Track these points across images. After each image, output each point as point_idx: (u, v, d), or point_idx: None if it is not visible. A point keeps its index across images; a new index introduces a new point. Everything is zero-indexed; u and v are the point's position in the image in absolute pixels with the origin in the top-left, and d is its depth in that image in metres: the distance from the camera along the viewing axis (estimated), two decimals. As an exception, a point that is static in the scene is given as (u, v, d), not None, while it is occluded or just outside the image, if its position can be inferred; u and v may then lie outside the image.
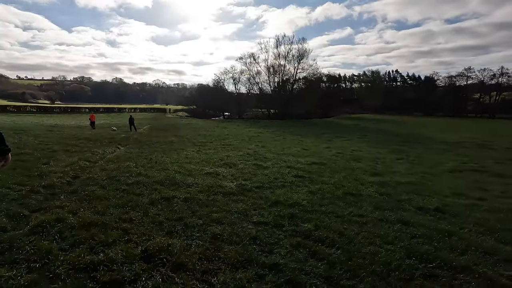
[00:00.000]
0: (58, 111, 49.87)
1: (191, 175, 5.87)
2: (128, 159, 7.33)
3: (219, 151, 11.00)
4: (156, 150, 10.02)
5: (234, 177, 6.14)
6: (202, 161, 8.01)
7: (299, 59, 50.32)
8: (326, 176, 7.29)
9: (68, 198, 3.64)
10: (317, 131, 27.67)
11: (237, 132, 22.68)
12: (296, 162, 9.14)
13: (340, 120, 45.43)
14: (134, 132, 17.17)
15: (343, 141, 19.35)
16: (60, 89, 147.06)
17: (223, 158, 9.00)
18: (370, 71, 73.25)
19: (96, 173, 5.23)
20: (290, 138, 19.55)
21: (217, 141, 14.79)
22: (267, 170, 7.37)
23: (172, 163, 7.33)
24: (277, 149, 12.97)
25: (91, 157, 7.03)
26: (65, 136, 12.31)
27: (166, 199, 3.99)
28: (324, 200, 4.76)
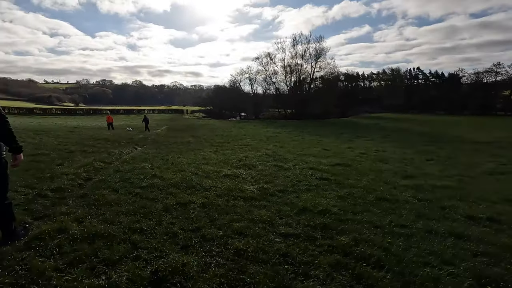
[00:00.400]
0: (81, 113, 51.58)
1: (208, 177, 5.49)
2: (144, 160, 7.07)
3: (237, 151, 10.61)
4: (173, 150, 9.77)
5: (255, 179, 5.70)
6: (220, 162, 7.63)
7: (316, 58, 49.36)
8: (353, 178, 6.71)
9: (76, 203, 3.33)
10: (336, 130, 26.80)
11: (254, 132, 22.28)
12: (318, 163, 8.58)
13: (359, 120, 44.05)
14: (150, 133, 17.15)
15: (364, 141, 18.48)
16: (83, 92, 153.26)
17: (241, 159, 8.59)
18: (390, 69, 70.82)
19: (110, 175, 4.94)
20: (309, 138, 18.91)
21: (235, 142, 14.44)
22: (288, 172, 6.88)
23: (189, 164, 7.00)
24: (296, 149, 12.44)
25: (107, 158, 6.82)
26: (84, 137, 12.35)
27: (182, 204, 3.60)
28: (357, 207, 4.22)
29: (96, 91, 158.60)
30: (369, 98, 64.63)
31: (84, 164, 5.72)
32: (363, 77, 72.26)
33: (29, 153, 6.20)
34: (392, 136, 22.23)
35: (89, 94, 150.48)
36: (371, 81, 72.92)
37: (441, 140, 19.88)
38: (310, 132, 24.21)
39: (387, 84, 69.04)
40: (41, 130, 14.79)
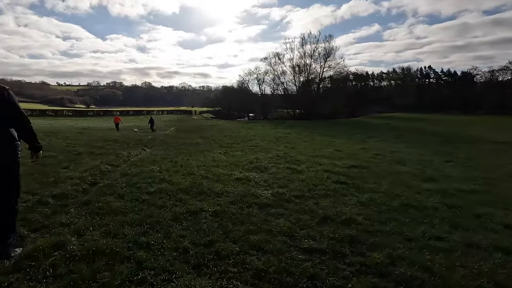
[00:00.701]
0: (92, 114, 52.27)
1: (219, 181, 5.18)
2: (153, 162, 6.83)
3: (247, 153, 10.30)
4: (182, 152, 9.53)
5: (268, 183, 5.36)
6: (231, 164, 7.33)
7: (325, 57, 48.74)
8: (372, 182, 6.30)
9: (78, 212, 3.06)
10: (347, 131, 26.23)
11: (263, 133, 21.95)
12: (333, 165, 8.19)
13: (369, 120, 43.22)
14: (159, 134, 17.01)
15: (377, 142, 17.91)
16: (94, 94, 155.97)
17: (252, 161, 8.27)
18: (400, 68, 69.39)
19: (116, 179, 4.69)
20: (319, 138, 18.45)
21: (244, 143, 14.14)
22: (302, 175, 6.52)
23: (199, 166, 6.71)
24: (308, 150, 12.05)
25: (115, 160, 6.60)
26: (93, 138, 12.26)
27: (193, 213, 3.29)
28: (382, 215, 3.84)
29: (107, 93, 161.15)
30: (379, 98, 63.38)
31: (90, 167, 5.50)
32: (373, 77, 71.02)
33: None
34: (405, 137, 21.57)
35: (100, 96, 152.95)
36: (381, 81, 71.63)
37: (457, 140, 19.14)
38: (320, 133, 23.73)
39: (397, 83, 67.71)
40: (51, 132, 14.81)
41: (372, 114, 53.07)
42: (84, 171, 5.03)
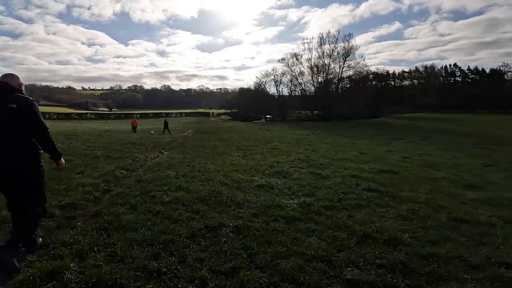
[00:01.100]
0: (113, 117, 53.81)
1: (240, 189, 4.77)
2: (169, 166, 6.53)
3: (267, 156, 9.86)
4: (199, 155, 9.23)
5: (292, 191, 4.89)
6: (250, 169, 6.91)
7: (344, 57, 47.48)
8: (407, 189, 5.67)
9: (85, 227, 2.73)
10: (369, 132, 25.20)
11: (281, 134, 21.44)
12: (360, 170, 7.59)
13: (391, 120, 41.51)
14: (177, 136, 16.93)
15: (403, 144, 16.96)
16: (116, 97, 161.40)
17: (272, 164, 7.82)
18: (423, 67, 66.40)
19: (130, 186, 4.38)
20: (341, 140, 17.72)
21: (262, 145, 13.71)
22: (328, 181, 5.99)
23: (217, 171, 6.34)
24: (330, 153, 11.44)
25: (131, 165, 6.35)
26: (113, 141, 12.26)
27: (211, 228, 2.88)
28: (432, 233, 3.26)
29: (128, 96, 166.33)
30: (401, 98, 60.88)
31: (105, 172, 5.26)
32: (394, 76, 68.38)
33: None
34: (433, 138, 20.34)
35: (122, 99, 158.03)
36: (402, 80, 68.88)
37: (491, 141, 17.78)
38: (340, 134, 22.89)
39: (420, 82, 64.89)
40: (73, 134, 15.07)
41: (393, 114, 51.03)
42: (98, 177, 4.78)
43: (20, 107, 2.23)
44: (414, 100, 58.51)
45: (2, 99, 2.23)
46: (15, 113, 2.21)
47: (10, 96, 2.25)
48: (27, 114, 2.26)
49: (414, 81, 68.17)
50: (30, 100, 2.31)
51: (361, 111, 47.55)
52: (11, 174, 2.26)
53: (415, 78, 68.09)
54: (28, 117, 2.27)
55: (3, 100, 2.22)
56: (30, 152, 2.33)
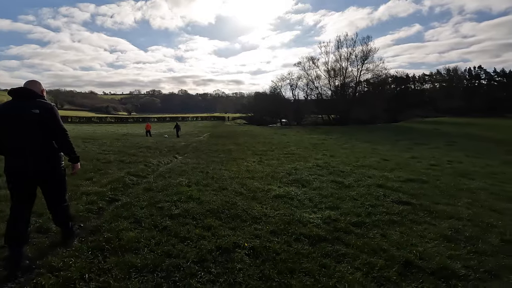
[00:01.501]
0: (132, 121, 55.02)
1: (256, 199, 4.36)
2: (182, 172, 6.22)
3: (283, 162, 9.40)
4: (214, 160, 8.91)
5: (314, 203, 4.42)
6: (267, 176, 6.48)
7: (363, 60, 46.25)
8: (443, 202, 5.04)
9: (79, 247, 2.37)
10: (389, 137, 24.13)
11: (297, 139, 20.89)
12: (385, 178, 6.99)
13: (412, 125, 39.84)
14: (192, 140, 16.78)
15: (428, 149, 15.96)
16: (135, 102, 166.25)
17: (290, 171, 7.36)
18: (445, 69, 63.87)
19: (138, 196, 4.06)
20: (360, 145, 16.94)
21: (279, 150, 13.26)
22: (352, 191, 5.46)
23: (232, 178, 5.96)
24: (350, 159, 10.82)
25: (142, 170, 6.09)
26: (128, 145, 12.20)
27: (224, 250, 2.47)
28: (487, 260, 2.69)
29: (146, 101, 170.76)
30: (421, 101, 58.64)
31: (114, 178, 4.99)
32: (414, 79, 66.04)
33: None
34: (460, 143, 19.14)
35: (140, 104, 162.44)
36: (423, 83, 66.44)
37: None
38: (359, 139, 22.03)
39: (442, 85, 62.35)
40: (91, 138, 15.22)
41: (413, 118, 49.14)
42: (106, 184, 4.52)
43: (43, 112, 2.37)
44: (436, 103, 56.25)
45: (26, 105, 2.36)
46: (38, 118, 2.35)
47: (33, 102, 2.39)
48: (48, 118, 2.39)
49: (435, 84, 65.76)
50: (51, 105, 2.46)
51: (379, 115, 46.08)
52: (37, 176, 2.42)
53: (436, 81, 65.68)
54: (49, 121, 2.41)
55: (27, 106, 2.35)
56: (52, 155, 2.47)
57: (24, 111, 2.33)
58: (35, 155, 2.37)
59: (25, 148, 2.34)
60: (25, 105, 2.35)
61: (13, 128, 2.33)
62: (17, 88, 2.43)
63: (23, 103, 2.36)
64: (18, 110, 2.33)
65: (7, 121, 2.33)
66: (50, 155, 2.46)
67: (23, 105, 2.35)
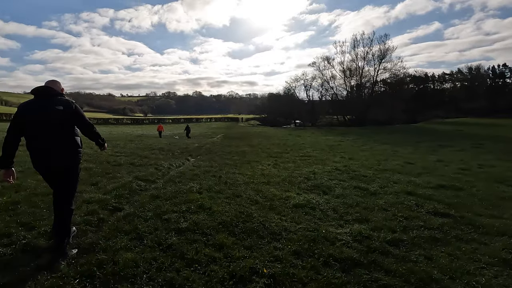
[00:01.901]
0: (147, 122, 55.78)
1: (273, 209, 3.90)
2: (193, 176, 5.85)
3: (300, 165, 8.90)
4: (227, 163, 8.52)
5: (339, 213, 3.91)
6: (284, 181, 6.01)
7: (380, 59, 44.86)
8: (486, 214, 4.39)
9: (66, 273, 1.95)
10: (409, 139, 23.03)
11: (312, 140, 20.26)
12: (414, 184, 6.37)
13: (433, 126, 38.17)
14: (206, 141, 16.50)
15: (454, 152, 14.94)
16: (151, 104, 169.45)
17: (308, 176, 6.86)
18: (467, 68, 61.08)
19: (143, 205, 3.66)
20: (380, 148, 16.12)
21: (294, 152, 12.74)
22: (380, 199, 4.90)
23: (246, 184, 5.53)
24: (371, 162, 10.17)
25: (152, 174, 5.76)
26: (142, 146, 12.05)
27: (239, 280, 1.99)
28: None
29: (162, 102, 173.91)
30: (441, 101, 56.24)
31: (122, 184, 4.67)
32: (433, 78, 63.42)
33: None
34: (487, 145, 17.88)
35: (156, 105, 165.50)
36: (442, 82, 63.74)
37: None
38: (378, 141, 21.10)
39: (464, 85, 59.65)
40: (108, 140, 15.15)
41: (433, 119, 47.16)
42: (111, 190, 4.19)
43: (66, 109, 2.47)
44: (457, 104, 53.85)
45: (49, 103, 2.43)
46: (62, 115, 2.43)
47: (55, 99, 2.47)
48: (73, 114, 2.51)
49: (456, 83, 63.03)
50: (73, 102, 2.57)
51: (398, 116, 44.52)
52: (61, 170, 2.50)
53: (457, 80, 62.98)
54: (76, 117, 2.54)
55: (50, 103, 2.43)
56: (75, 150, 2.57)
57: (47, 108, 2.40)
58: (58, 151, 2.45)
59: (48, 144, 2.41)
60: (48, 103, 2.42)
61: (37, 125, 2.39)
62: (39, 87, 2.48)
63: (46, 101, 2.44)
64: (42, 108, 2.40)
65: (31, 119, 2.39)
66: (72, 151, 2.54)
67: (46, 103, 2.42)
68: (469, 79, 60.09)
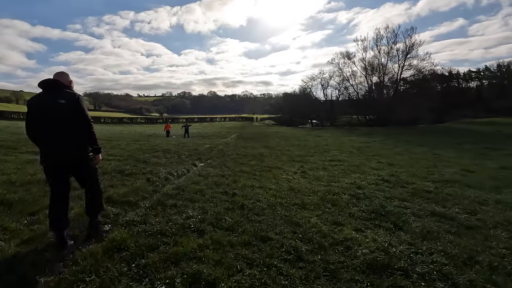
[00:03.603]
0: (161, 121, 55.16)
1: (332, 274, 2.13)
2: (196, 196, 4.16)
3: (334, 173, 7.08)
4: (243, 170, 6.81)
5: (447, 284, 2.12)
6: (324, 202, 4.21)
7: (405, 54, 41.78)
8: None
9: None
10: (445, 140, 20.54)
11: (335, 141, 18.22)
12: (503, 204, 4.47)
13: (463, 126, 34.92)
14: (218, 142, 14.84)
15: (508, 156, 12.57)
16: (167, 103, 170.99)
17: (354, 191, 5.04)
18: (496, 65, 56.68)
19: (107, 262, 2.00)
20: (416, 150, 13.93)
21: (319, 155, 10.89)
22: (491, 241, 3.04)
23: (272, 207, 3.78)
24: (419, 169, 8.23)
25: (137, 192, 4.07)
26: (145, 147, 10.55)
27: None
28: None
29: (177, 102, 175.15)
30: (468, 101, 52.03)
31: (75, 214, 3.04)
32: (458, 76, 59.02)
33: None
34: (545, 148, 15.32)
35: (171, 105, 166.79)
36: (468, 81, 59.29)
37: None
38: (410, 142, 18.77)
39: (492, 83, 55.34)
40: (109, 139, 13.92)
41: (461, 119, 43.58)
42: (72, 219, 2.58)
43: (68, 102, 2.41)
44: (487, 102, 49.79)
45: (53, 96, 2.41)
46: (64, 108, 2.39)
47: (60, 92, 2.44)
48: (74, 107, 2.42)
49: (483, 81, 58.71)
50: (77, 95, 2.49)
51: (424, 116, 41.30)
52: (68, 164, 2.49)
53: (485, 78, 58.61)
54: (75, 110, 2.44)
55: (53, 96, 2.41)
56: (80, 144, 2.51)
57: (51, 102, 2.37)
58: (64, 145, 2.41)
59: (55, 138, 2.38)
60: (52, 96, 2.40)
61: (43, 119, 2.36)
62: (45, 80, 2.46)
63: (51, 94, 2.41)
64: (46, 102, 2.38)
65: (37, 113, 2.38)
66: (78, 145, 2.49)
67: (51, 96, 2.40)
68: (498, 76, 55.81)
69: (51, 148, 2.39)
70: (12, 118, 37.04)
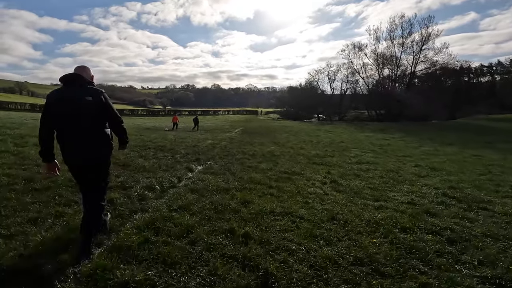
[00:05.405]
0: (163, 114, 53.59)
1: None
2: (180, 238, 2.48)
3: (372, 181, 5.38)
4: (253, 179, 5.08)
5: None
6: (396, 248, 2.52)
7: (421, 46, 39.33)
8: None
9: None
10: (471, 138, 18.60)
11: (350, 138, 16.38)
12: None
13: (481, 122, 32.74)
14: (222, 137, 13.09)
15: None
16: (170, 96, 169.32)
17: (415, 214, 3.35)
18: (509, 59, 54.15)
19: None
20: (449, 150, 12.08)
21: (339, 154, 9.15)
22: None
23: (319, 276, 2.10)
24: (472, 177, 6.51)
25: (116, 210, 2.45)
26: (135, 143, 8.86)
27: None
28: None
29: (181, 95, 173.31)
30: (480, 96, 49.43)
31: None
32: (469, 71, 56.20)
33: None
34: None
35: (175, 98, 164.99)
36: (479, 76, 56.57)
37: None
38: (435, 140, 16.84)
39: (505, 78, 52.86)
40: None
41: (475, 115, 41.29)
42: None
43: (96, 99, 2.28)
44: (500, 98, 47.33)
45: (79, 93, 2.25)
46: (92, 106, 2.25)
47: (85, 89, 2.29)
48: (102, 105, 2.31)
49: (495, 76, 56.19)
50: (102, 91, 2.38)
51: (439, 111, 39.05)
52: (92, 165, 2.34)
53: (497, 73, 56.03)
54: (104, 107, 2.33)
55: (80, 93, 2.25)
56: (106, 143, 2.41)
57: (77, 99, 2.22)
58: (89, 146, 2.29)
59: (79, 138, 2.26)
60: (77, 92, 2.24)
61: (66, 118, 2.22)
62: (67, 75, 2.29)
63: (75, 90, 2.26)
64: (71, 98, 2.22)
65: (59, 110, 2.21)
66: (103, 145, 2.39)
67: (75, 92, 2.24)
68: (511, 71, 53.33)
69: (79, 146, 2.24)
70: (9, 109, 35.64)
